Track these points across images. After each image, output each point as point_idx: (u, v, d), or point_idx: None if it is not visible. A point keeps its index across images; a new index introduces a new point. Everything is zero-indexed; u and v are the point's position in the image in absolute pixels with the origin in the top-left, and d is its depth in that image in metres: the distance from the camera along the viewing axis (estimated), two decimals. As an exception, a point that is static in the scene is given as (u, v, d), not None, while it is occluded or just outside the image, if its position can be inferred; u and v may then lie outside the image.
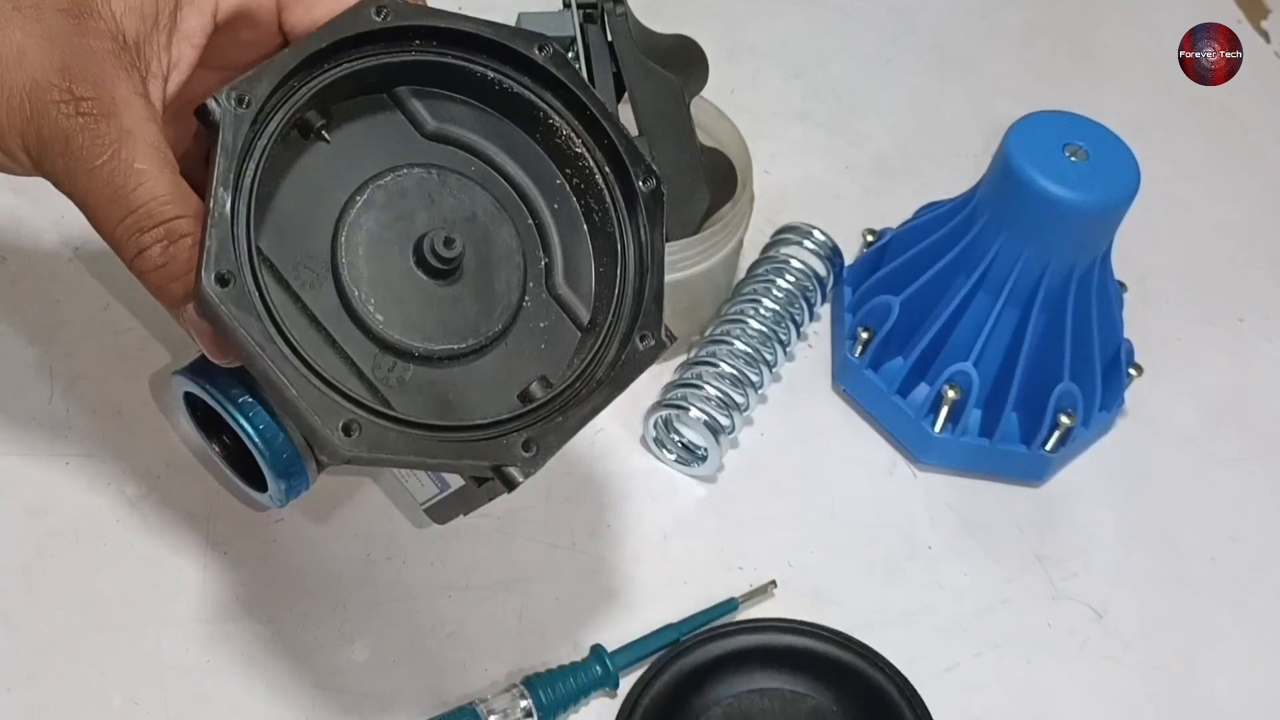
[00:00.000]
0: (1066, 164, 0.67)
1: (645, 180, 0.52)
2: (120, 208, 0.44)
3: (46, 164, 0.45)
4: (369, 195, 0.49)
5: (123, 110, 0.44)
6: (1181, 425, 0.80)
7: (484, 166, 0.52)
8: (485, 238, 0.51)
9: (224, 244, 0.43)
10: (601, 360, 0.51)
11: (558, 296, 0.52)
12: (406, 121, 0.51)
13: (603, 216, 0.52)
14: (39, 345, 0.71)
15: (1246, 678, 0.69)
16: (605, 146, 0.52)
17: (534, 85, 0.52)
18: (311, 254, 0.48)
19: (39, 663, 0.61)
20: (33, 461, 0.67)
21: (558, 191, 0.53)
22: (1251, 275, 0.90)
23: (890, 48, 1.02)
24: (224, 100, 0.44)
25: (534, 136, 0.53)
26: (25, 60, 0.44)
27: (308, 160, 0.48)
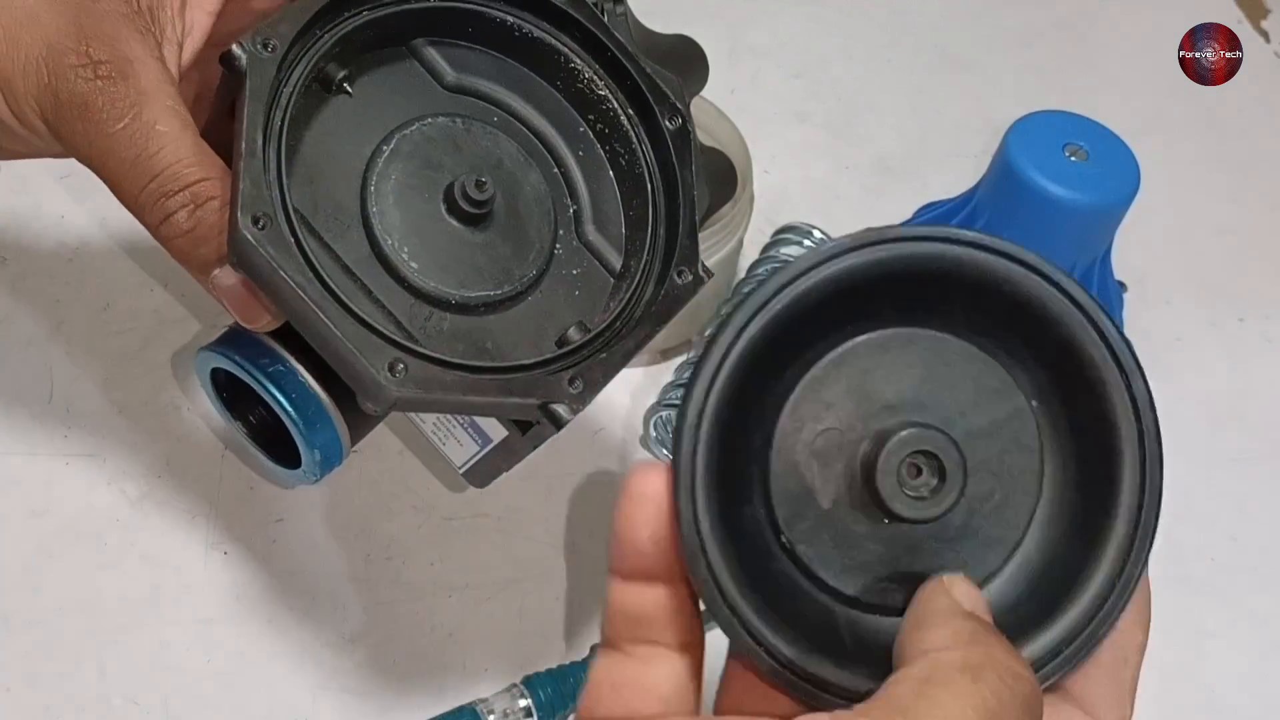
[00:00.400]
0: (1066, 164, 0.67)
1: (671, 118, 0.51)
2: (143, 172, 0.43)
3: (64, 130, 0.44)
4: (395, 144, 0.48)
5: (140, 72, 0.43)
6: (1181, 425, 0.80)
7: (506, 117, 0.51)
8: (514, 183, 0.50)
9: (258, 186, 0.42)
10: (639, 301, 0.50)
11: (588, 243, 0.52)
12: (426, 74, 0.50)
13: (629, 159, 0.52)
14: (39, 345, 0.72)
15: (1247, 678, 0.69)
16: (628, 88, 0.51)
17: (553, 29, 0.51)
18: (341, 203, 0.47)
19: (39, 663, 0.61)
20: (33, 461, 0.67)
21: (581, 139, 0.52)
22: (1252, 275, 0.90)
23: (890, 48, 1.02)
24: (249, 45, 0.43)
25: (555, 84, 0.52)
26: (38, 23, 0.43)
27: (330, 113, 0.48)
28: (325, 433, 0.56)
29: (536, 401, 0.46)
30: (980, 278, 0.35)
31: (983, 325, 0.36)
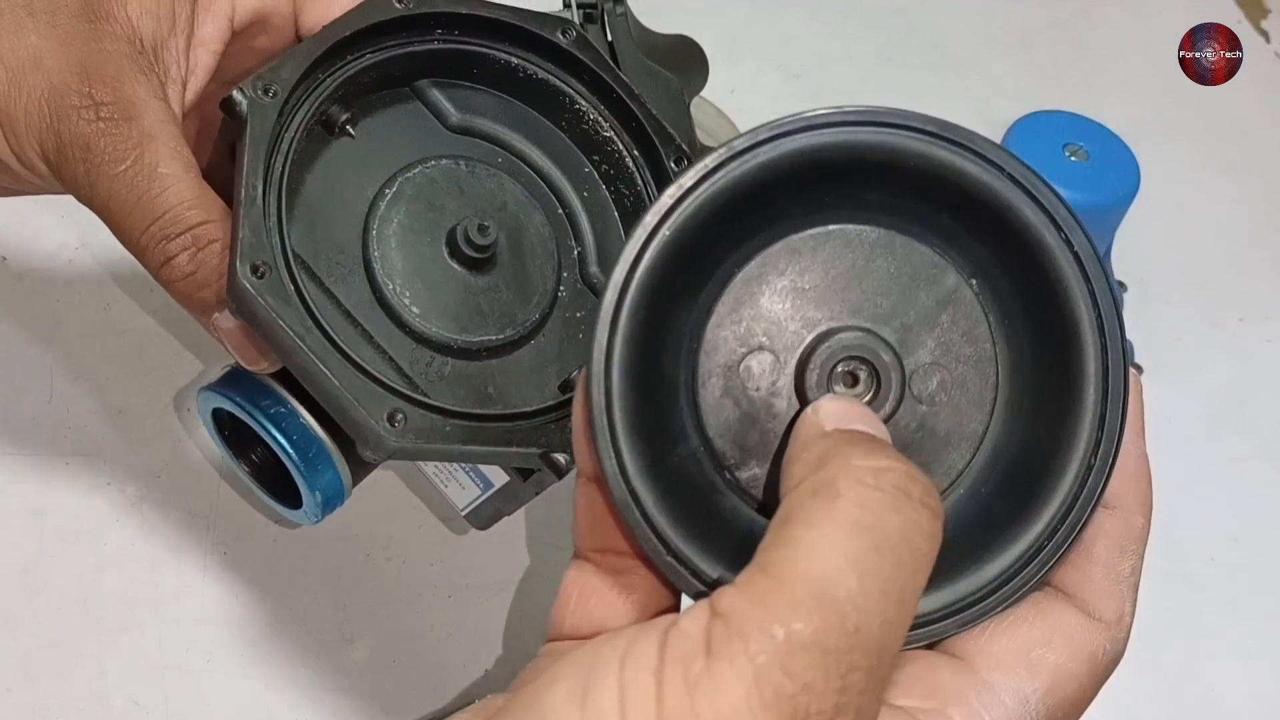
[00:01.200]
0: (1067, 164, 0.67)
1: (677, 160, 0.51)
2: (144, 214, 0.43)
3: (66, 171, 0.44)
4: (398, 187, 0.48)
5: (143, 113, 0.43)
6: (1182, 425, 0.80)
7: (511, 158, 0.51)
8: (518, 226, 0.50)
9: (257, 234, 0.42)
10: None
11: (592, 285, 0.52)
12: (430, 115, 0.50)
13: (634, 201, 0.52)
14: (39, 345, 0.71)
15: (1247, 678, 0.69)
16: (633, 129, 0.52)
17: (558, 70, 0.51)
18: (343, 247, 0.47)
19: (39, 663, 0.61)
20: (33, 461, 0.67)
21: (586, 179, 0.52)
22: (1252, 275, 0.90)
23: (890, 48, 1.02)
24: (250, 90, 0.43)
25: (560, 124, 0.52)
26: (42, 64, 0.43)
27: (333, 155, 0.48)
28: (326, 474, 0.56)
29: (538, 451, 0.46)
30: (889, 158, 0.32)
31: (903, 209, 0.33)
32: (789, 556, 0.27)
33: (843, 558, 0.26)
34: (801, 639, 0.26)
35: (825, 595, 0.26)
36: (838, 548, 0.26)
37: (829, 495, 0.27)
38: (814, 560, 0.26)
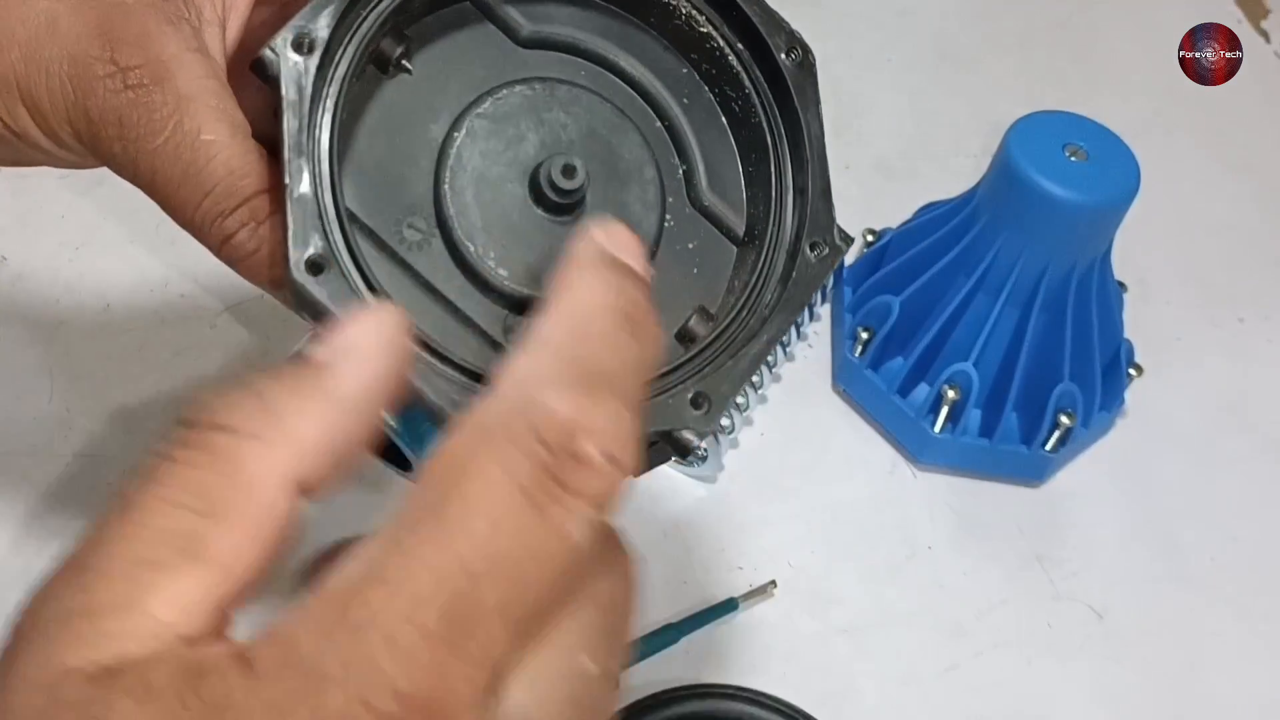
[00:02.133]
0: (1066, 164, 0.67)
1: (789, 52, 0.45)
2: (194, 189, 0.38)
3: (102, 149, 0.39)
4: (468, 127, 0.42)
5: (176, 72, 0.38)
6: (1182, 426, 0.80)
7: (595, 69, 0.45)
8: (609, 154, 0.44)
9: (309, 222, 0.37)
10: (768, 277, 0.43)
11: (704, 208, 0.45)
12: (498, 31, 0.44)
13: (743, 105, 0.45)
14: (39, 345, 0.71)
15: (1247, 678, 0.69)
16: (735, 19, 0.45)
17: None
18: (413, 207, 0.41)
19: (39, 663, 0.61)
20: (33, 461, 0.67)
21: (685, 83, 0.46)
22: (1252, 275, 0.90)
23: (890, 48, 1.02)
24: (281, 48, 0.38)
25: (648, 22, 0.45)
26: (58, 30, 0.39)
27: (390, 97, 0.42)
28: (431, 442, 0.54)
29: (657, 430, 0.40)
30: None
31: None
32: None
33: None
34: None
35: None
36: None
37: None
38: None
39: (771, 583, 0.68)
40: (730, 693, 0.62)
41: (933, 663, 0.67)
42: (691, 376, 0.41)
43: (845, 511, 0.73)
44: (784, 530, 0.72)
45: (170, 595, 0.26)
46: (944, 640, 0.68)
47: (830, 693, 0.65)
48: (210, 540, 0.27)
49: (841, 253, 0.44)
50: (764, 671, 0.65)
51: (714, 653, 0.65)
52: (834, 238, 0.44)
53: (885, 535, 0.72)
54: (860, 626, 0.67)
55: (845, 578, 0.70)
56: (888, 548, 0.72)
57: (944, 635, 0.68)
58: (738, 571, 0.69)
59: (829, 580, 0.69)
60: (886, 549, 0.72)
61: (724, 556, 0.69)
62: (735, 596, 0.66)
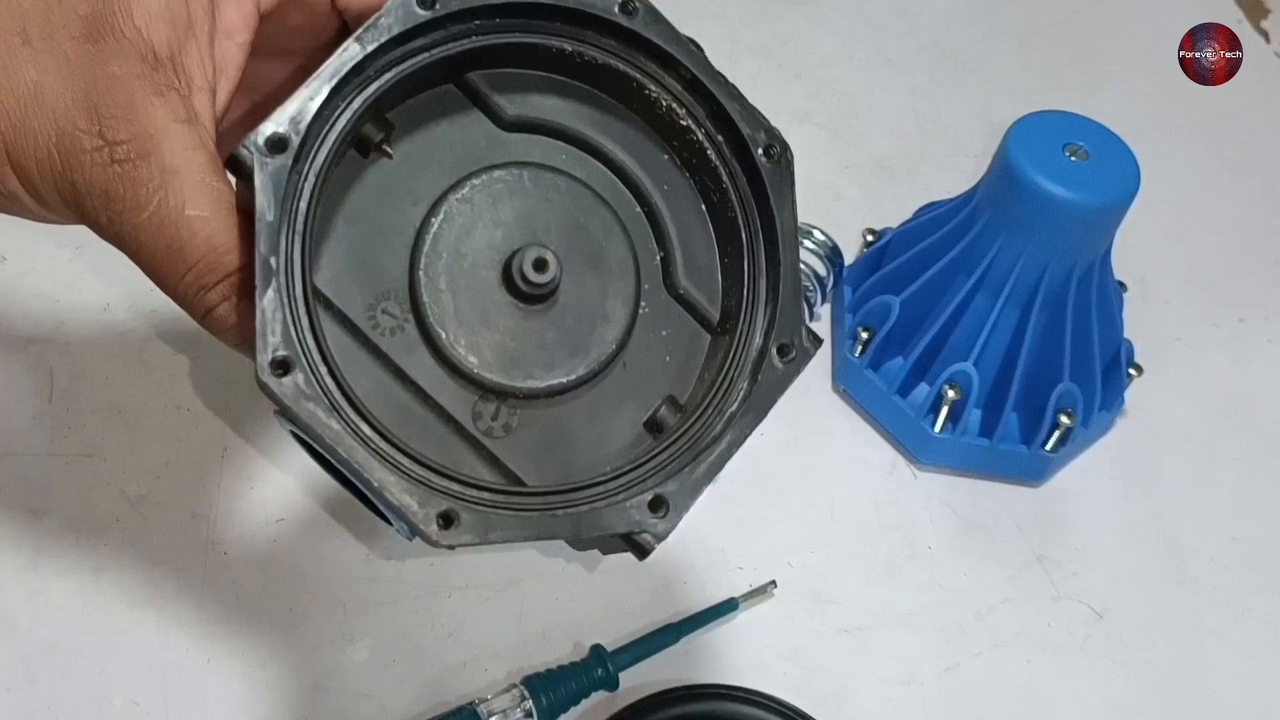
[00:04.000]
0: (1067, 164, 0.67)
1: (767, 150, 0.44)
2: (178, 263, 0.39)
3: (89, 218, 0.40)
4: (447, 211, 0.42)
5: (163, 146, 0.39)
6: (1182, 426, 0.80)
7: (577, 152, 0.45)
8: (586, 241, 0.43)
9: (278, 321, 0.37)
10: (737, 375, 0.43)
11: (680, 296, 0.45)
12: (480, 113, 0.44)
13: (721, 198, 0.45)
14: (39, 345, 0.71)
15: (1247, 678, 0.69)
16: (714, 113, 0.44)
17: (621, 50, 0.44)
18: (388, 292, 0.41)
19: (39, 663, 0.61)
20: (33, 461, 0.67)
21: (666, 169, 0.45)
22: (1252, 275, 0.90)
23: (891, 48, 1.02)
24: (255, 148, 0.38)
25: (630, 107, 0.45)
26: (44, 101, 0.39)
27: (370, 181, 0.42)
28: None
29: (614, 534, 0.40)
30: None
31: None
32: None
33: None
34: None
35: None
36: None
37: None
38: None
39: (771, 583, 0.68)
40: (730, 693, 0.62)
41: (933, 663, 0.67)
42: (653, 475, 0.41)
43: (845, 511, 0.73)
44: (784, 530, 0.71)
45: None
46: (944, 640, 0.68)
47: (830, 693, 0.65)
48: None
49: (810, 355, 0.44)
50: (764, 672, 0.65)
51: (714, 653, 0.66)
52: (803, 340, 0.44)
53: (885, 535, 0.72)
54: (860, 627, 0.67)
55: (845, 578, 0.70)
56: (888, 548, 0.72)
57: (944, 635, 0.68)
58: (738, 571, 0.69)
59: (829, 580, 0.69)
60: (886, 549, 0.72)
61: (724, 556, 0.69)
62: (735, 596, 0.66)
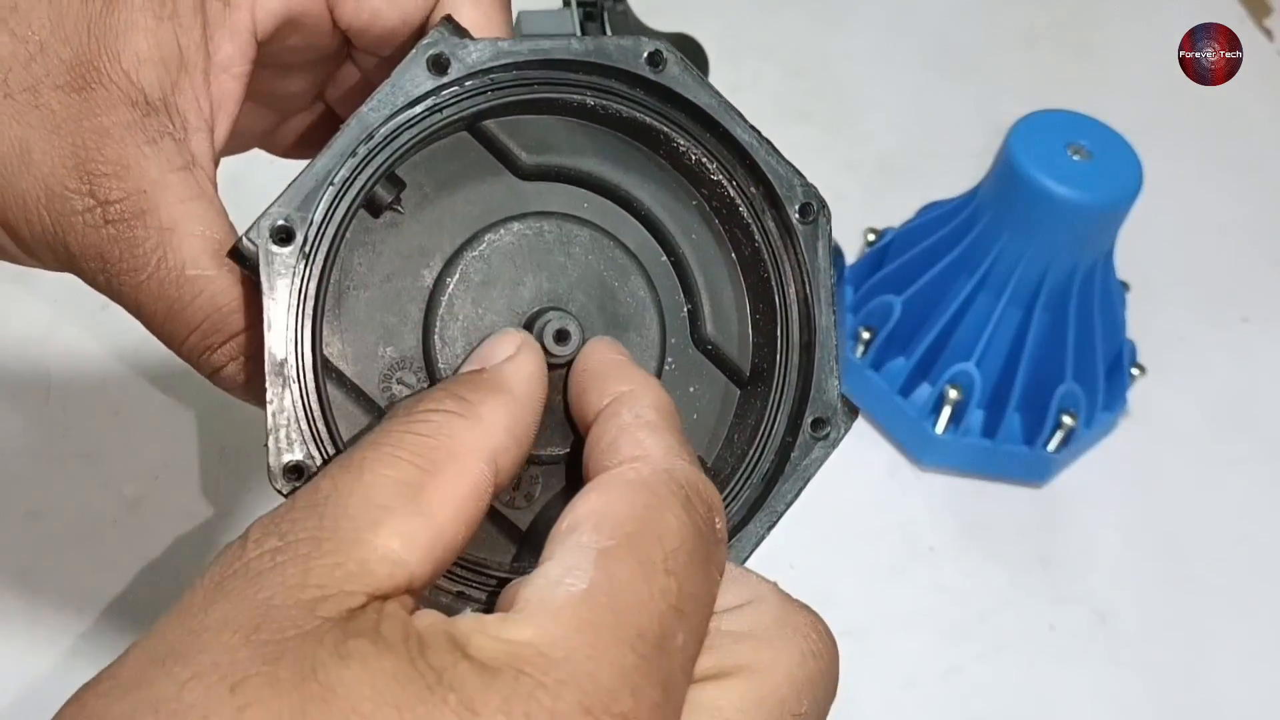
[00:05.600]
0: (1069, 163, 0.67)
1: (803, 209, 0.42)
2: (180, 325, 0.38)
3: (85, 278, 0.39)
4: (462, 270, 0.39)
5: (159, 202, 0.37)
6: (1185, 426, 0.80)
7: (599, 199, 0.42)
8: (609, 297, 0.41)
9: (288, 420, 0.36)
10: (766, 447, 0.42)
11: (709, 350, 0.43)
12: (496, 160, 0.41)
13: (753, 253, 0.42)
14: (37, 345, 0.71)
15: (1250, 680, 0.69)
16: (749, 168, 0.42)
17: (648, 100, 0.41)
18: (403, 361, 0.39)
19: (38, 664, 0.60)
20: (32, 461, 0.67)
21: (693, 217, 0.43)
22: (1255, 275, 0.90)
23: (892, 47, 1.02)
24: (260, 239, 0.36)
25: (657, 152, 0.42)
26: (30, 160, 0.37)
27: (382, 243, 0.39)
28: None
29: None
30: None
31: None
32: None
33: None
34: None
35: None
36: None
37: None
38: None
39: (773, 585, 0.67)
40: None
41: (934, 665, 0.66)
42: None
43: (847, 513, 0.73)
44: (785, 532, 0.71)
45: (398, 531, 0.29)
46: (946, 642, 0.68)
47: (831, 695, 0.64)
48: (428, 490, 0.30)
49: (845, 430, 0.42)
50: (765, 673, 0.64)
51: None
52: (839, 415, 0.42)
53: (886, 537, 0.72)
54: (862, 629, 0.66)
55: (846, 579, 0.69)
56: (889, 549, 0.71)
57: (946, 637, 0.68)
58: (739, 573, 0.68)
59: (829, 582, 0.69)
60: (888, 550, 0.71)
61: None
62: (736, 598, 0.66)
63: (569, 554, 0.30)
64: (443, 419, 0.32)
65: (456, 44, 0.39)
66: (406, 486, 0.30)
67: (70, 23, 0.37)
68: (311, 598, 0.27)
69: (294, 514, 0.29)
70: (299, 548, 0.28)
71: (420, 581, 0.30)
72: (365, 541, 0.29)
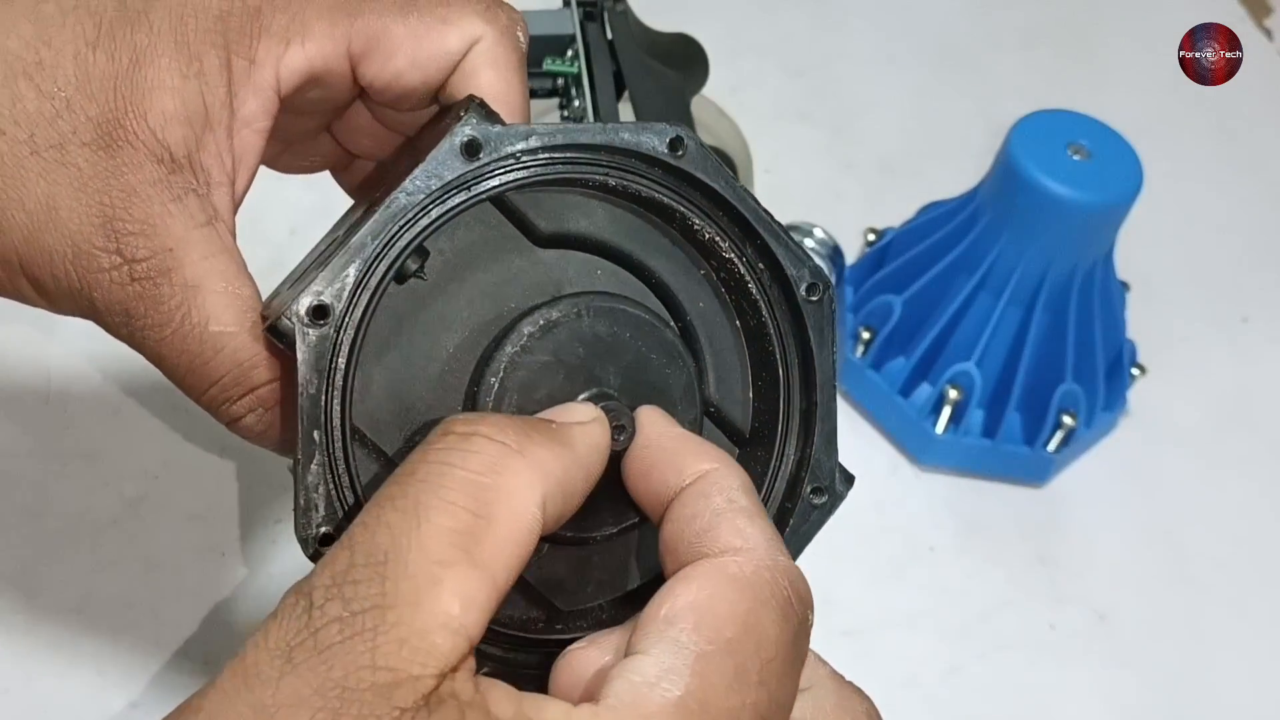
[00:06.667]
0: (1069, 163, 0.67)
1: (810, 288, 0.43)
2: (201, 378, 0.39)
3: (109, 330, 0.40)
4: (505, 371, 0.40)
5: (184, 259, 0.38)
6: (1185, 426, 0.80)
7: (612, 266, 0.44)
8: (638, 376, 0.42)
9: (320, 495, 0.37)
10: (766, 510, 0.42)
11: (711, 412, 0.44)
12: (515, 230, 0.43)
13: (758, 325, 0.44)
14: (36, 344, 0.71)
15: (1250, 680, 0.69)
16: (759, 248, 0.44)
17: (666, 180, 0.43)
18: (426, 423, 0.40)
19: (38, 665, 0.60)
20: (31, 461, 0.67)
21: (701, 286, 0.44)
22: (1255, 275, 0.90)
23: (892, 46, 1.01)
24: (298, 318, 0.37)
25: (671, 227, 0.44)
26: (57, 218, 0.38)
27: (404, 309, 0.40)
28: None
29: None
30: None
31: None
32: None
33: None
34: None
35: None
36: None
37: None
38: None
39: (772, 584, 0.67)
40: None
41: (935, 665, 0.66)
42: None
43: (847, 513, 0.72)
44: (785, 531, 0.71)
45: (457, 592, 0.29)
46: (946, 642, 0.68)
47: (832, 695, 0.64)
48: (484, 541, 0.30)
49: (841, 498, 0.44)
50: (765, 673, 0.64)
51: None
52: (836, 483, 0.44)
53: (887, 537, 0.72)
54: (862, 629, 0.66)
55: (847, 579, 0.69)
56: (889, 549, 0.71)
57: (946, 637, 0.68)
58: (739, 573, 0.68)
59: (830, 582, 0.69)
60: (888, 551, 0.71)
61: (725, 557, 0.69)
62: (736, 598, 0.66)
63: (666, 653, 0.30)
64: (498, 452, 0.31)
65: (489, 130, 0.40)
66: (462, 536, 0.30)
67: (97, 80, 0.38)
68: (384, 682, 0.27)
69: (354, 574, 0.29)
70: (365, 620, 0.28)
71: (476, 640, 0.29)
72: (426, 609, 0.28)
